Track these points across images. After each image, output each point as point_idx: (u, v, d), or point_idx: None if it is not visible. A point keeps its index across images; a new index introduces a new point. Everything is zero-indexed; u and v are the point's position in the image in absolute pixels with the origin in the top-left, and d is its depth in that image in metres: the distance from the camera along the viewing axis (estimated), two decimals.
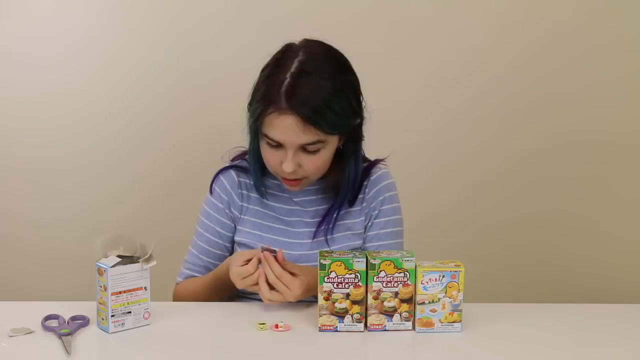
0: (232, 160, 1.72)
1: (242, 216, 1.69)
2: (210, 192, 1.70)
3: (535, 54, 2.42)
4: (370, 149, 1.73)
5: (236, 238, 1.68)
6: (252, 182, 1.69)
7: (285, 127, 1.49)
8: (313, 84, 1.48)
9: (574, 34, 2.41)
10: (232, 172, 1.70)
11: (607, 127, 2.46)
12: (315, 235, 1.66)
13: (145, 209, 2.45)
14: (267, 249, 1.49)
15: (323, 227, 1.66)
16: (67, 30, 2.38)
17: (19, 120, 2.42)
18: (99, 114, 2.43)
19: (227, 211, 1.68)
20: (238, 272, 1.50)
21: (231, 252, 1.71)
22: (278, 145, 1.53)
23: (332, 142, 1.56)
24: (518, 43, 2.41)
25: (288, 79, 1.49)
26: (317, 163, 1.55)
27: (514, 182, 2.50)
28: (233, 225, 1.69)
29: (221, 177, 1.70)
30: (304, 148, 1.52)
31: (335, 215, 1.66)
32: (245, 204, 1.69)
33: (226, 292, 1.65)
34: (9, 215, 2.46)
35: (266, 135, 1.53)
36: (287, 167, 1.53)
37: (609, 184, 2.50)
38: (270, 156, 1.56)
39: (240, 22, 2.37)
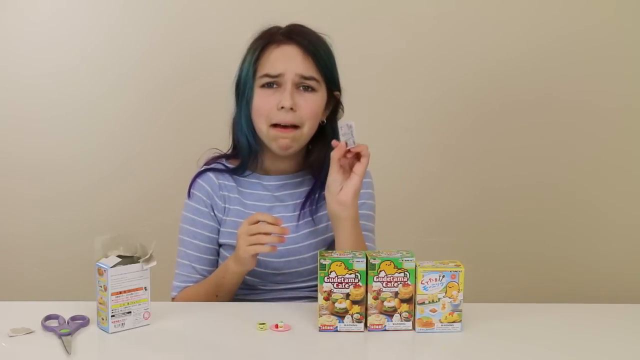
0: (206, 164, 1.72)
1: (224, 217, 1.68)
2: (189, 197, 1.69)
3: (535, 52, 2.42)
4: (371, 147, 1.73)
5: (220, 240, 1.68)
6: (232, 183, 1.68)
7: (285, 55, 1.58)
8: (306, 30, 1.64)
9: (572, 34, 2.41)
10: (211, 175, 1.69)
11: (608, 126, 2.47)
12: (299, 217, 1.66)
13: (145, 209, 2.46)
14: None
15: (306, 208, 1.67)
16: (68, 31, 2.38)
17: (20, 121, 2.42)
18: (100, 115, 2.43)
19: (212, 214, 1.68)
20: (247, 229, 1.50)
21: (219, 256, 1.70)
22: (275, 86, 1.59)
23: (322, 93, 1.62)
24: (517, 42, 2.42)
25: (283, 28, 1.64)
26: (311, 107, 1.60)
27: (515, 182, 2.50)
28: (218, 227, 1.68)
29: (200, 180, 1.69)
30: (300, 85, 1.59)
31: (319, 192, 1.67)
32: (227, 205, 1.68)
33: (226, 295, 1.63)
34: (9, 215, 2.46)
35: (265, 75, 1.59)
36: (286, 101, 1.56)
37: (609, 184, 2.50)
38: (265, 102, 1.59)
39: (237, 26, 2.37)
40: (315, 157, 1.68)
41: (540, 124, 2.46)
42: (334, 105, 1.68)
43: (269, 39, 1.61)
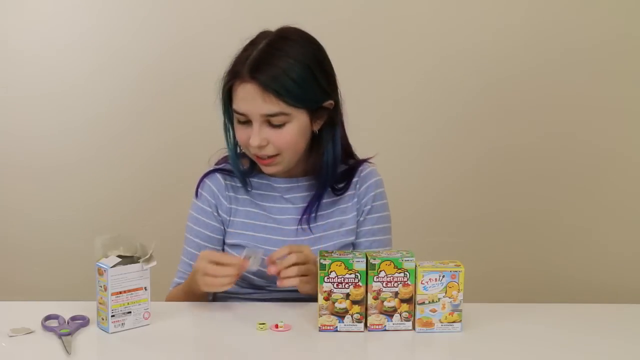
0: (217, 164, 1.72)
1: (231, 218, 1.68)
2: (196, 196, 1.69)
3: (531, 51, 2.42)
4: (372, 147, 1.73)
5: (228, 241, 1.67)
6: (239, 184, 1.68)
7: (246, 96, 1.53)
8: (276, 57, 1.53)
9: (569, 32, 2.41)
10: (218, 175, 1.69)
11: (605, 127, 2.46)
12: (300, 222, 1.65)
13: (145, 209, 2.46)
14: (253, 253, 1.49)
15: (305, 216, 1.66)
16: (65, 30, 2.38)
17: (19, 121, 2.42)
18: (100, 114, 2.43)
19: (215, 214, 1.68)
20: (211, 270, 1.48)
21: None
22: (247, 121, 1.56)
23: (299, 118, 1.56)
24: (514, 41, 2.41)
25: (254, 54, 1.54)
26: (284, 138, 1.55)
27: (514, 182, 2.50)
28: (223, 228, 1.68)
29: (207, 180, 1.69)
30: (269, 121, 1.54)
31: (317, 203, 1.66)
32: (234, 206, 1.68)
33: (198, 298, 1.62)
34: (9, 215, 2.46)
35: (235, 111, 1.56)
36: (253, 141, 1.54)
37: (608, 183, 2.50)
38: (240, 134, 1.58)
39: (238, 23, 2.37)
40: (311, 165, 1.66)
41: (542, 124, 2.46)
42: (329, 113, 1.62)
43: (236, 72, 1.54)
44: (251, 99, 1.52)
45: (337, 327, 1.42)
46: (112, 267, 1.38)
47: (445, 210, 2.51)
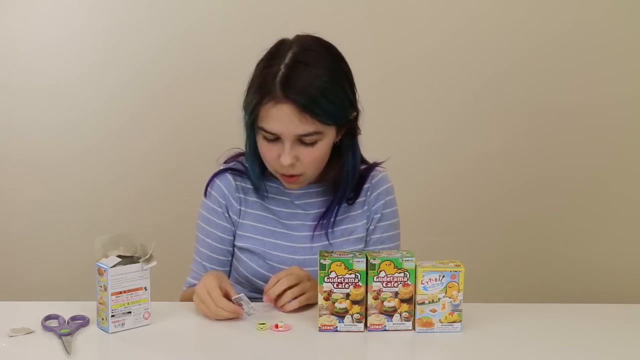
0: (226, 162, 1.70)
1: (241, 220, 1.66)
2: (206, 195, 1.67)
3: (535, 53, 2.42)
4: (371, 148, 1.72)
5: (237, 243, 1.66)
6: (249, 186, 1.66)
7: (281, 117, 1.48)
8: (308, 73, 1.48)
9: (572, 34, 2.41)
10: (229, 176, 1.67)
11: (608, 125, 2.47)
12: (315, 229, 1.64)
13: (145, 209, 2.45)
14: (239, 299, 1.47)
15: (323, 222, 1.64)
16: (62, 26, 2.38)
17: (17, 119, 2.42)
18: (100, 115, 2.43)
19: (226, 215, 1.66)
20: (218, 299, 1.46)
21: (233, 256, 1.70)
22: (275, 139, 1.52)
23: (329, 134, 1.54)
24: (514, 43, 2.42)
25: (282, 70, 1.48)
26: (314, 156, 1.53)
27: (515, 182, 2.50)
28: (234, 229, 1.67)
29: (217, 180, 1.67)
30: (301, 140, 1.51)
31: (336, 210, 1.64)
32: (244, 208, 1.67)
33: None
34: (10, 215, 2.46)
35: (262, 129, 1.51)
36: (285, 160, 1.51)
37: (609, 184, 2.50)
38: (267, 151, 1.54)
39: (239, 18, 2.38)
40: (331, 175, 1.64)
41: (541, 125, 2.46)
42: (350, 123, 1.60)
43: (267, 91, 1.48)
44: (287, 120, 1.48)
45: (337, 327, 1.42)
46: (112, 267, 1.38)
47: (445, 210, 2.51)
